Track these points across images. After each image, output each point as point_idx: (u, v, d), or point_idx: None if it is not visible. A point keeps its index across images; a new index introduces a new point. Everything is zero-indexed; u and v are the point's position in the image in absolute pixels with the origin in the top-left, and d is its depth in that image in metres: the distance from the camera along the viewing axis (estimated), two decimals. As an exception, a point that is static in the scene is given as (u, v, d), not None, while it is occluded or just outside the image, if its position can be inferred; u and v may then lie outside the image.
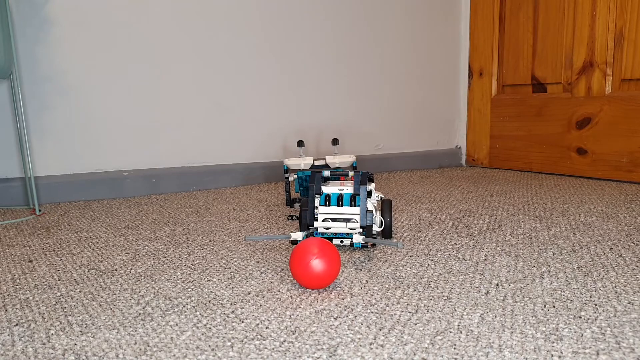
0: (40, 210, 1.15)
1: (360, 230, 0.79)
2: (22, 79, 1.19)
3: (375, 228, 0.81)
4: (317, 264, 0.61)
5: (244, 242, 0.69)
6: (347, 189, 0.81)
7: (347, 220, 0.78)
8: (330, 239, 0.79)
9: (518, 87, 1.70)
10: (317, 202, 0.81)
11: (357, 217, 0.78)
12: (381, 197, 0.86)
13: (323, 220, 0.78)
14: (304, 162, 1.12)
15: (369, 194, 0.82)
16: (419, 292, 0.62)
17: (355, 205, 0.79)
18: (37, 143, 1.23)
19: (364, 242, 0.75)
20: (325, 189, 0.81)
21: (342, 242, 0.79)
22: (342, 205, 0.80)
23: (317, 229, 0.79)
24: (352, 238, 0.78)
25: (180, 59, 1.36)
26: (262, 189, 1.40)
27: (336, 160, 1.13)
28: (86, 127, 1.28)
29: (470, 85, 1.85)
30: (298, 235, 0.77)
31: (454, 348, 0.48)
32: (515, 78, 1.70)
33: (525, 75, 1.67)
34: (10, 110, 1.20)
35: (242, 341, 0.50)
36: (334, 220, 0.79)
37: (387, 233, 0.85)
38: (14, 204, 1.20)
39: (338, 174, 0.85)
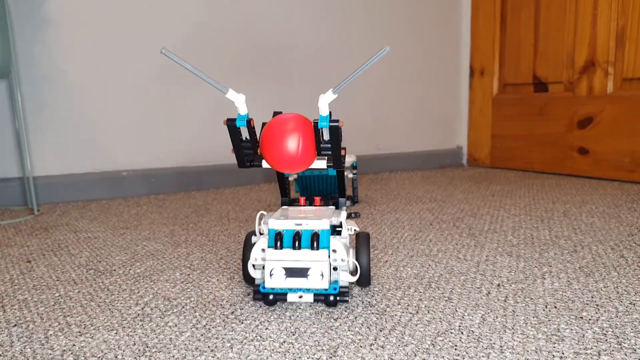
0: (38, 210, 1.14)
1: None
2: (20, 79, 1.19)
3: (347, 278, 0.59)
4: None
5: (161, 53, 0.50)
6: (307, 222, 0.58)
7: (306, 273, 0.56)
8: (285, 294, 0.58)
9: (519, 86, 1.70)
10: (263, 244, 0.59)
11: (321, 267, 0.56)
12: (355, 231, 0.63)
13: (272, 273, 0.56)
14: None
15: (338, 230, 0.60)
16: (420, 292, 0.62)
17: (317, 248, 0.56)
18: (36, 143, 1.23)
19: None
20: (276, 224, 0.58)
21: (300, 297, 0.58)
22: (299, 248, 0.57)
23: (261, 284, 0.58)
24: (314, 293, 0.58)
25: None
26: (262, 189, 1.40)
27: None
28: (85, 126, 1.27)
29: (472, 84, 1.84)
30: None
31: (455, 349, 0.48)
32: (517, 77, 1.69)
33: (526, 74, 1.66)
34: (8, 109, 1.19)
35: (242, 342, 0.50)
36: (288, 272, 0.56)
37: (364, 281, 0.62)
38: (13, 204, 1.20)
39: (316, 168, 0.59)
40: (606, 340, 0.49)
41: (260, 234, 0.61)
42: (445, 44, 1.82)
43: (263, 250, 0.59)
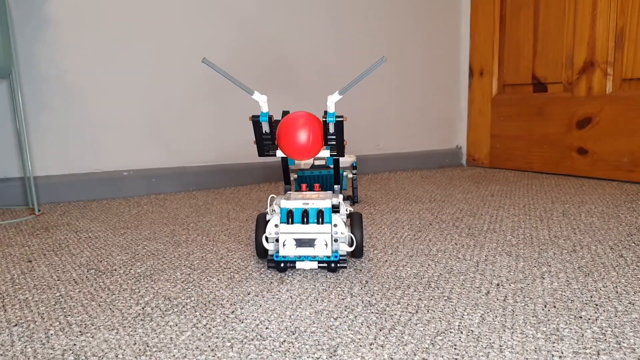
0: (39, 210, 1.14)
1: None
2: (21, 79, 1.19)
3: (345, 248, 0.70)
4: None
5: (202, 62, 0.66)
6: (313, 202, 0.70)
7: (313, 243, 0.68)
8: (294, 262, 0.69)
9: (519, 86, 1.70)
10: (276, 220, 0.70)
11: (326, 238, 0.68)
12: (350, 211, 0.74)
13: (285, 243, 0.68)
14: (304, 161, 1.12)
15: (337, 209, 0.71)
16: (420, 292, 0.62)
17: (322, 222, 0.68)
18: (37, 143, 1.23)
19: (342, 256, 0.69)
20: (287, 204, 0.70)
21: (307, 264, 0.69)
22: (307, 223, 0.69)
23: (275, 254, 0.70)
24: (318, 261, 0.69)
25: (180, 58, 1.36)
26: (262, 189, 1.40)
27: (336, 160, 1.13)
28: (85, 126, 1.27)
29: (471, 84, 1.85)
30: (261, 97, 0.70)
31: (455, 348, 0.48)
32: (516, 78, 1.70)
33: (525, 74, 1.66)
34: (9, 110, 1.20)
35: (242, 341, 0.50)
36: (298, 243, 0.69)
37: (357, 253, 0.73)
38: (13, 204, 1.20)
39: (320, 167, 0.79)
40: (605, 339, 0.49)
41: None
42: (445, 45, 1.82)
43: (276, 225, 0.70)
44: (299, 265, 0.69)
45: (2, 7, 1.03)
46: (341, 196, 0.74)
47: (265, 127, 0.71)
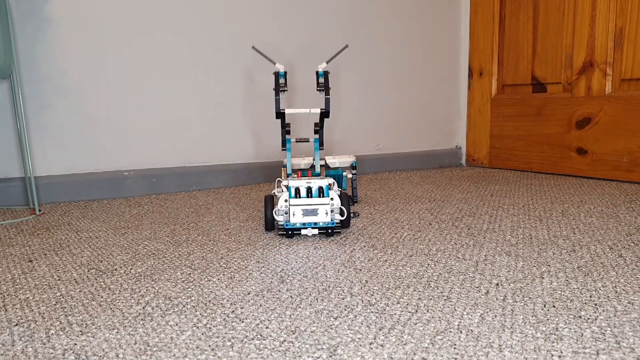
0: (40, 210, 1.15)
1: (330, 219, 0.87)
2: (21, 79, 1.19)
3: (338, 217, 0.87)
4: None
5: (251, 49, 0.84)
6: (314, 182, 0.87)
7: (316, 212, 0.86)
8: (300, 229, 0.86)
9: (518, 87, 1.70)
10: (286, 195, 0.87)
11: (326, 208, 0.86)
12: (339, 190, 0.92)
13: (294, 213, 0.85)
14: (304, 162, 1.12)
15: (330, 188, 0.88)
16: (419, 291, 0.62)
17: (323, 196, 0.86)
18: (37, 143, 1.23)
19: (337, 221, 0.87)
20: (294, 183, 0.87)
21: (309, 230, 0.86)
22: (311, 197, 0.86)
23: (285, 223, 0.86)
24: (319, 227, 0.86)
25: (180, 58, 1.36)
26: (262, 189, 1.40)
27: (336, 160, 1.13)
28: (86, 126, 1.28)
29: (470, 85, 1.85)
30: (280, 67, 0.92)
31: (454, 348, 0.48)
32: (515, 78, 1.70)
33: (525, 75, 1.67)
34: (10, 110, 1.20)
35: (242, 341, 0.50)
36: (304, 212, 0.85)
37: (345, 223, 0.92)
38: (14, 204, 1.20)
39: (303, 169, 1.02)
40: (604, 339, 0.49)
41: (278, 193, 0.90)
42: (445, 45, 1.82)
43: (286, 200, 0.86)
44: (303, 232, 0.86)
45: (3, 8, 1.03)
46: (332, 179, 0.90)
47: (282, 80, 0.92)
